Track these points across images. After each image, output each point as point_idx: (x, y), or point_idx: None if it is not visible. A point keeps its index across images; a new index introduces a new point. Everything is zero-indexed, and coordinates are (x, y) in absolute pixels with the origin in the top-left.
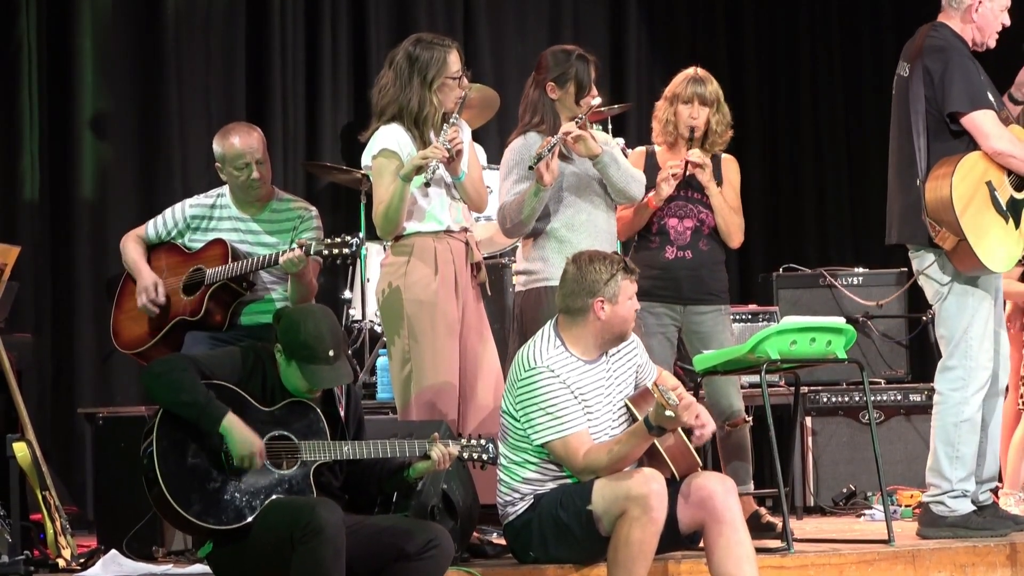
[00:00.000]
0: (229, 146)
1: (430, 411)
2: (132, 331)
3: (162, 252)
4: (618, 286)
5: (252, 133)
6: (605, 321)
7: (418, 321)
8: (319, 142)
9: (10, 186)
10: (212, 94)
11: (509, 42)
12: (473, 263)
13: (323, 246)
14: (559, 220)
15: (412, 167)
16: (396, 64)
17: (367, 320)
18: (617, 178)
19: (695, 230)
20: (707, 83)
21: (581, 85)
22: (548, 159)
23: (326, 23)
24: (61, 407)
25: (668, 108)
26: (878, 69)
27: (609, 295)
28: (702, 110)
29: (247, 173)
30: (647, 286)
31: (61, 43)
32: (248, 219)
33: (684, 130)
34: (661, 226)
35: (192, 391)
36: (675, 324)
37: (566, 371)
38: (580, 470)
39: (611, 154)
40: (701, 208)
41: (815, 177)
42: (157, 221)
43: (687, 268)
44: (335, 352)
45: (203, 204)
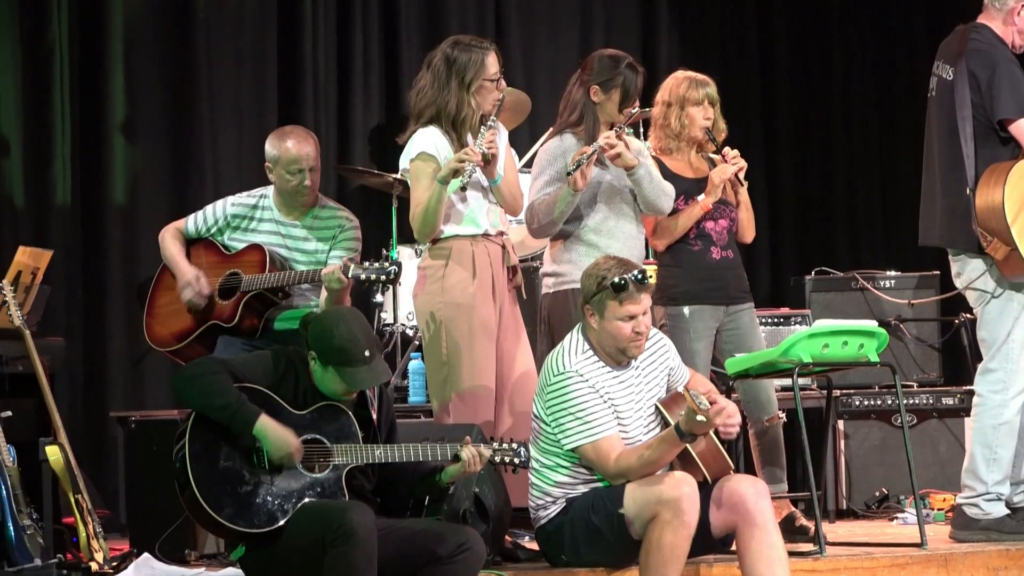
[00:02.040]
0: (284, 150)
1: (466, 414)
2: (165, 329)
3: (201, 249)
4: (604, 304)
5: (309, 139)
6: (598, 331)
7: (455, 324)
8: (350, 145)
9: (42, 190)
10: (243, 98)
11: (540, 46)
12: (509, 266)
13: (361, 270)
14: (589, 224)
15: (449, 170)
16: (434, 66)
17: (399, 324)
18: (649, 191)
19: (729, 230)
20: (710, 84)
21: (627, 94)
22: (585, 167)
23: (357, 26)
24: (93, 411)
25: (678, 113)
26: (910, 70)
27: (595, 307)
28: (711, 110)
29: (299, 179)
30: (696, 289)
31: (92, 48)
32: (289, 224)
33: (699, 133)
34: (700, 229)
35: (225, 394)
36: (716, 325)
37: (595, 376)
38: (611, 474)
39: (647, 167)
40: (731, 207)
41: (847, 180)
42: (198, 216)
43: (731, 268)
44: (371, 352)
45: (245, 203)
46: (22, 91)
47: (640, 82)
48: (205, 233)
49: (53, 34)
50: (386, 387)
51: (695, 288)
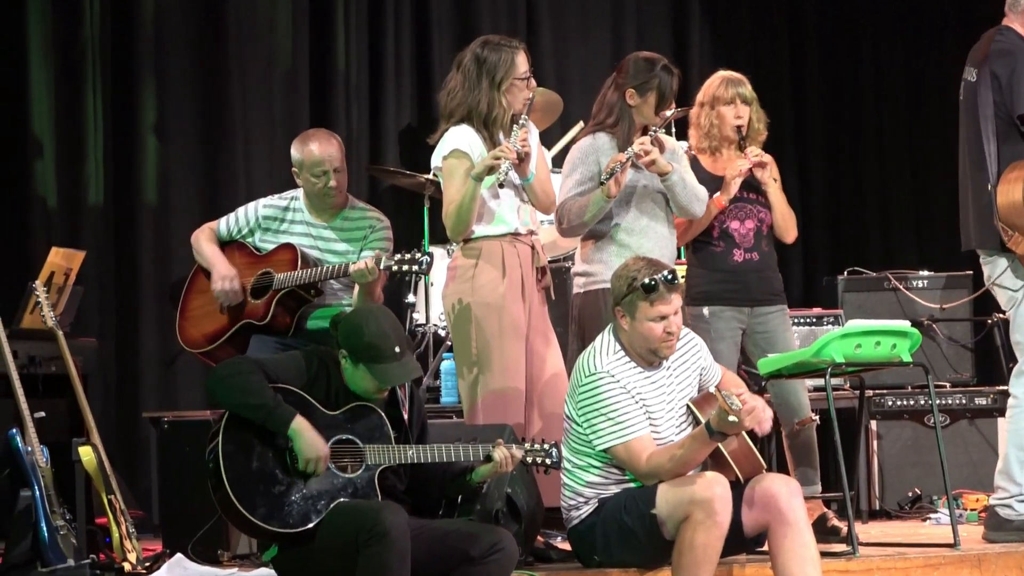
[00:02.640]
0: (308, 153)
1: (496, 414)
2: (198, 330)
3: (232, 251)
4: (635, 306)
5: (332, 141)
6: (628, 332)
7: (486, 324)
8: (382, 146)
9: (75, 191)
10: (275, 98)
11: (571, 45)
12: (538, 267)
13: (393, 261)
14: (620, 224)
15: (484, 166)
16: (464, 66)
17: (431, 324)
18: (682, 196)
19: (756, 231)
20: (745, 83)
21: (662, 97)
22: (619, 174)
23: (389, 27)
24: (126, 411)
25: (709, 112)
26: (941, 69)
27: (627, 309)
28: (744, 109)
29: (324, 181)
30: (716, 290)
31: (124, 49)
32: (320, 225)
33: (730, 132)
34: (723, 229)
35: (260, 394)
36: (741, 327)
37: (626, 376)
38: (643, 474)
39: (680, 173)
40: (760, 208)
41: (878, 179)
42: (230, 218)
43: (755, 270)
44: (401, 348)
45: (276, 206)
46: (55, 92)
47: (675, 84)
48: (237, 235)
49: (85, 35)
50: (417, 387)
51: (715, 289)
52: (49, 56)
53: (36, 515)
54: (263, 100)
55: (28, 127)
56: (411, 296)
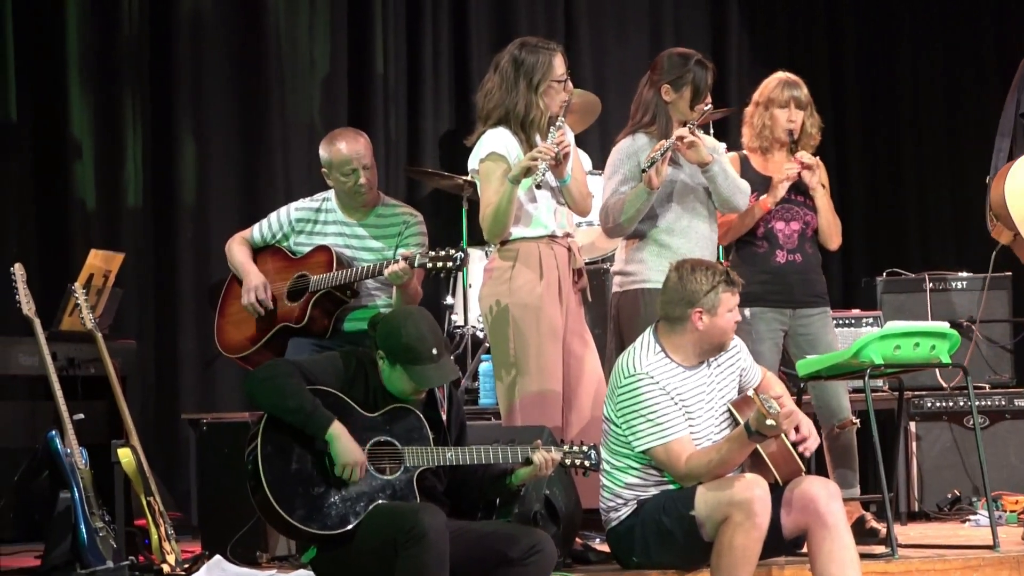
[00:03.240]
0: (336, 152)
1: (534, 416)
2: (236, 335)
3: (267, 256)
4: (718, 298)
5: (359, 138)
6: (703, 332)
7: (523, 326)
8: (421, 148)
9: (114, 193)
10: (313, 100)
11: (609, 47)
12: (575, 269)
13: (427, 259)
14: (661, 224)
15: (521, 168)
16: (502, 68)
17: (469, 326)
18: (724, 188)
19: (801, 233)
20: (801, 86)
21: (697, 91)
22: (660, 164)
23: (427, 29)
24: (165, 413)
25: (763, 113)
26: (979, 69)
27: (708, 306)
28: (798, 113)
29: (354, 179)
30: (758, 291)
31: (163, 50)
32: (353, 224)
33: (782, 134)
34: (768, 230)
35: (298, 396)
36: (783, 328)
37: (666, 378)
38: (682, 476)
39: (720, 164)
40: (806, 210)
41: (917, 180)
42: (263, 224)
43: (797, 272)
44: (438, 350)
45: (308, 208)
46: (94, 95)
47: (710, 78)
48: (271, 240)
49: (124, 37)
50: (456, 389)
51: (757, 290)
52: (88, 58)
53: (75, 517)
54: (301, 102)
55: (67, 129)
56: (449, 298)
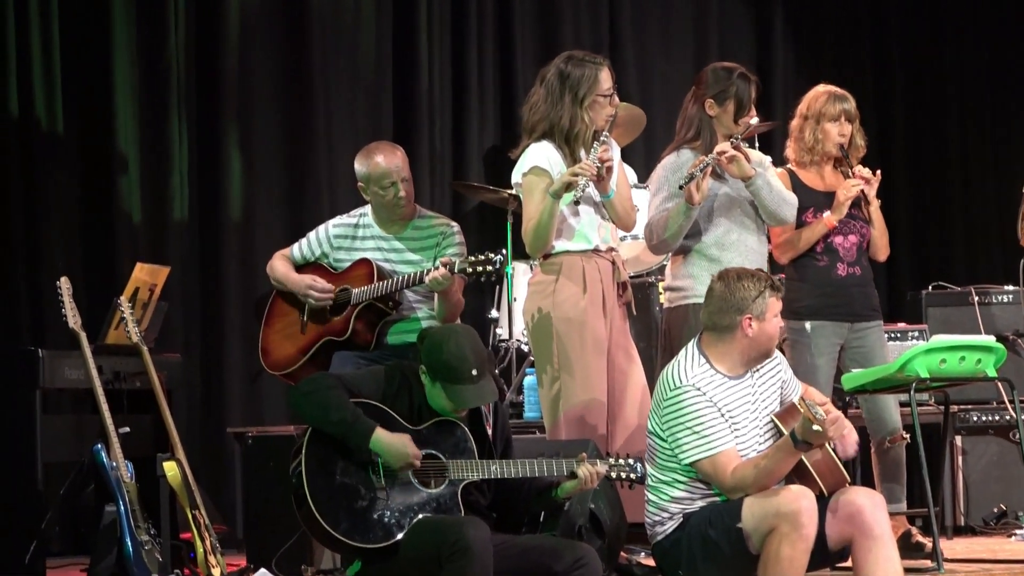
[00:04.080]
0: (374, 165)
1: (579, 429)
2: (280, 351)
3: (308, 272)
4: (766, 303)
5: (396, 152)
6: (752, 338)
7: (567, 339)
8: (466, 161)
9: (159, 206)
10: (358, 113)
11: (655, 60)
12: (619, 282)
13: (467, 264)
14: (709, 238)
15: (562, 184)
16: (547, 81)
17: (514, 339)
18: (769, 201)
19: (858, 246)
20: (849, 99)
21: (741, 104)
22: (699, 179)
23: (472, 42)
24: (210, 426)
25: (813, 127)
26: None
27: (757, 312)
28: (848, 126)
29: (393, 192)
30: (818, 305)
31: (209, 63)
32: (391, 237)
33: (833, 148)
34: (828, 244)
35: (340, 409)
36: (840, 342)
37: (712, 388)
38: (729, 488)
39: (764, 177)
40: (861, 223)
41: (963, 193)
42: (302, 243)
43: (858, 285)
44: (478, 371)
45: (346, 224)
46: (140, 106)
47: (754, 91)
48: (311, 258)
49: (171, 49)
50: (501, 402)
51: (818, 303)
52: (134, 70)
53: (121, 530)
54: (347, 116)
55: (113, 142)
56: (494, 311)
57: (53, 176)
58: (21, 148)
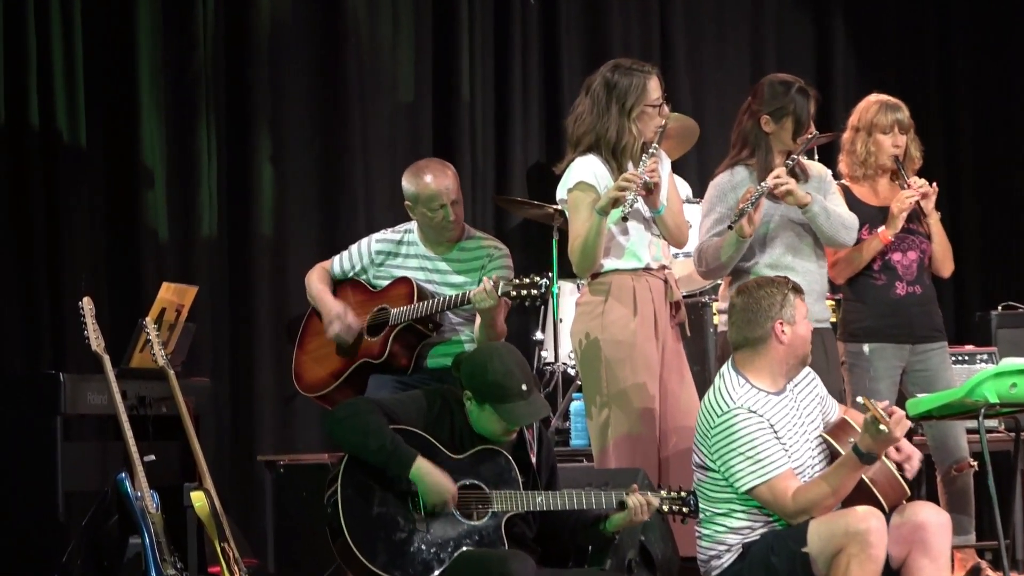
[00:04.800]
0: (423, 186)
1: (629, 458)
2: (315, 373)
3: (347, 289)
4: (793, 306)
5: (447, 172)
6: (788, 344)
7: (617, 363)
8: (508, 176)
9: (187, 222)
10: (396, 126)
11: (708, 69)
12: (672, 302)
13: (511, 286)
14: (765, 260)
15: (608, 199)
16: (593, 91)
17: (560, 363)
18: (827, 227)
19: (919, 263)
20: (902, 108)
21: (799, 121)
22: (750, 213)
23: (516, 52)
24: (240, 454)
25: (866, 139)
26: None
27: (787, 316)
28: (902, 137)
29: (442, 215)
30: (877, 326)
31: (239, 73)
32: (436, 257)
33: (887, 161)
34: (886, 261)
35: (379, 435)
36: (901, 365)
37: (760, 407)
38: (791, 513)
39: (821, 202)
40: (921, 239)
41: None
42: (343, 256)
43: (918, 304)
44: (527, 386)
45: (390, 240)
46: (166, 118)
47: (813, 107)
48: (351, 273)
49: (199, 59)
50: (546, 429)
51: (877, 324)
52: (160, 81)
53: (146, 564)
54: (384, 128)
55: (138, 155)
56: (539, 333)
57: (76, 191)
58: (43, 162)
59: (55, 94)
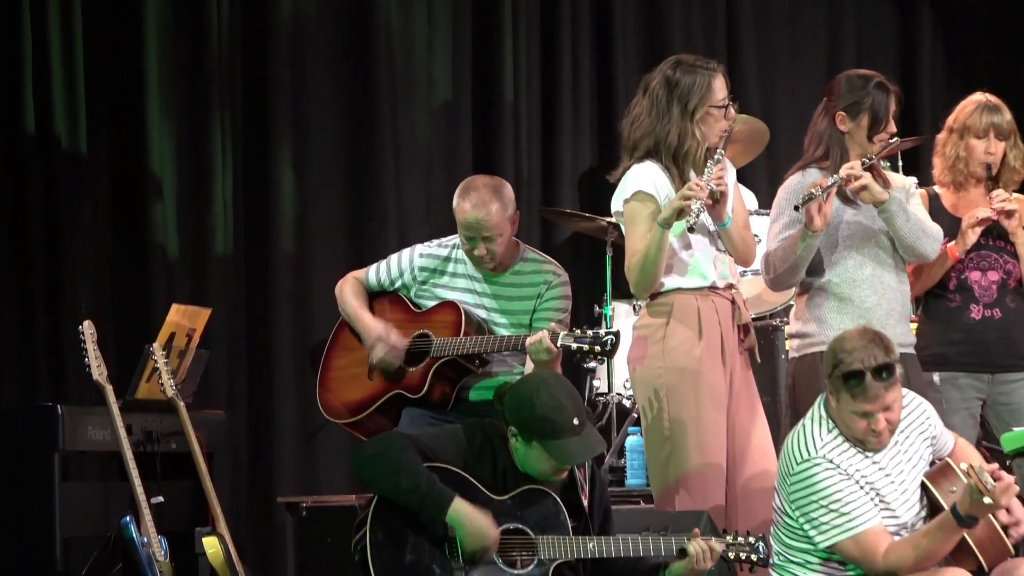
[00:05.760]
0: (461, 211)
1: (692, 499)
2: (342, 395)
3: (385, 304)
4: (839, 389)
5: (492, 203)
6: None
7: (679, 393)
8: (557, 185)
9: (199, 238)
10: (432, 130)
11: (780, 67)
12: (740, 325)
13: (571, 339)
14: (838, 274)
15: (672, 210)
16: (652, 91)
17: (614, 393)
18: (906, 231)
19: (1001, 284)
20: (1002, 112)
21: (876, 119)
22: (821, 200)
23: (565, 48)
24: (258, 495)
25: (957, 143)
26: None
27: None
28: (998, 144)
29: (471, 246)
30: (949, 353)
31: (258, 72)
32: (487, 280)
33: (978, 168)
34: (961, 281)
35: (413, 474)
36: (980, 396)
37: (846, 459)
38: (879, 571)
39: (899, 202)
40: (1006, 257)
41: None
42: (380, 267)
43: (996, 329)
44: (580, 419)
45: (436, 255)
46: (176, 122)
47: (893, 104)
48: (389, 286)
49: (212, 56)
50: (599, 467)
51: (946, 351)
52: (170, 80)
53: None
54: (419, 132)
55: (145, 163)
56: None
57: (76, 202)
58: (39, 170)
59: (52, 95)
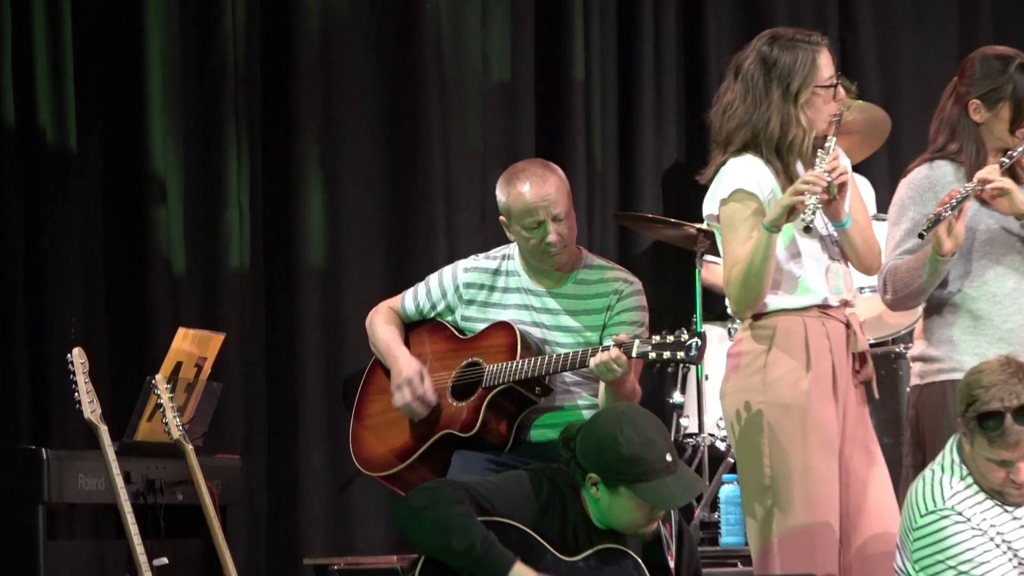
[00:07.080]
0: (516, 196)
1: (799, 561)
2: (380, 445)
3: (424, 334)
4: (973, 431)
5: (548, 178)
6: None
7: (784, 434)
8: (637, 185)
9: (211, 250)
10: (487, 123)
11: (903, 45)
12: (856, 353)
13: (649, 346)
14: (972, 287)
15: (782, 209)
16: (746, 72)
17: (706, 434)
18: None
19: None
20: None
21: (1020, 109)
22: (951, 219)
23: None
24: (281, 555)
25: None
26: None
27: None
28: None
29: (540, 235)
30: None
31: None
32: (544, 292)
33: None
34: None
35: (467, 532)
36: None
37: (980, 511)
38: None
39: None
40: None
41: None
42: (418, 290)
43: None
44: (672, 456)
45: (482, 269)
46: (184, 115)
47: None
48: (430, 312)
49: (225, 39)
50: (688, 522)
51: None
52: (175, 67)
53: None
54: (471, 126)
55: (147, 164)
56: (677, 395)
57: (64, 208)
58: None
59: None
